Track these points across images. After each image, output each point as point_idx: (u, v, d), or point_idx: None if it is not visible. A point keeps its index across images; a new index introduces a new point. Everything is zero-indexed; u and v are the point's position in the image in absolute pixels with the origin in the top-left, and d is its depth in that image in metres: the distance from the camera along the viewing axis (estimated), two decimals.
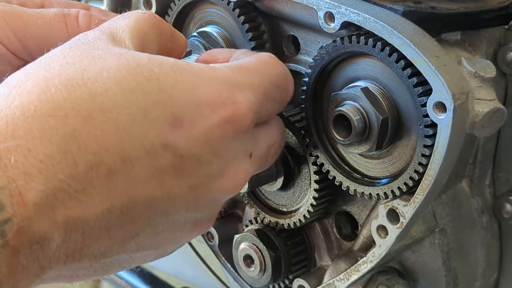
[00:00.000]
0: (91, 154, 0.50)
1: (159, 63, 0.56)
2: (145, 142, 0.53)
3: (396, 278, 0.83)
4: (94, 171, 0.51)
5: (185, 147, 0.56)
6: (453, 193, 0.81)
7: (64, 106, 0.51)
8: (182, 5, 0.84)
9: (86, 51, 0.56)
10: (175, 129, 0.55)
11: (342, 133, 0.69)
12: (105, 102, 0.52)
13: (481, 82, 0.69)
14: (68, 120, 0.50)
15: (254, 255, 0.85)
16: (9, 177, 0.47)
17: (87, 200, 0.51)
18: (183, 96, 0.56)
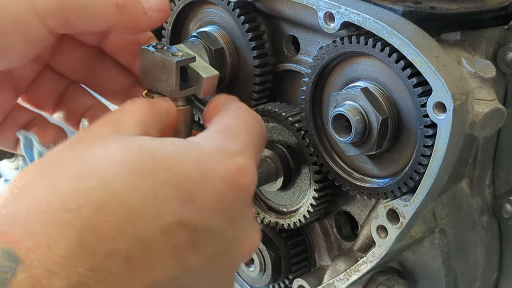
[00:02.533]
0: (108, 243, 0.51)
1: (160, 143, 0.57)
2: (160, 222, 0.54)
3: (396, 278, 0.83)
4: (112, 258, 0.51)
5: (199, 221, 0.56)
6: (453, 193, 0.81)
7: (76, 198, 0.51)
8: (182, 5, 0.84)
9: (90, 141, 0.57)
10: (187, 204, 0.55)
11: (342, 133, 0.69)
12: (115, 188, 0.53)
13: (481, 82, 0.69)
14: (82, 210, 0.51)
15: (254, 255, 0.85)
16: (33, 277, 0.48)
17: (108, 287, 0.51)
18: (190, 170, 0.57)
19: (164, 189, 0.55)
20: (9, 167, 1.41)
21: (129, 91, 0.79)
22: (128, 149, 0.56)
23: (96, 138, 0.58)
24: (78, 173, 0.53)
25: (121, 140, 0.57)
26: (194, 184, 0.56)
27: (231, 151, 0.60)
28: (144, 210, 0.53)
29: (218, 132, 0.63)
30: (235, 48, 0.81)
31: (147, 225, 0.53)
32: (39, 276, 0.48)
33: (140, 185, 0.54)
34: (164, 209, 0.54)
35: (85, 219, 0.51)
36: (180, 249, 0.55)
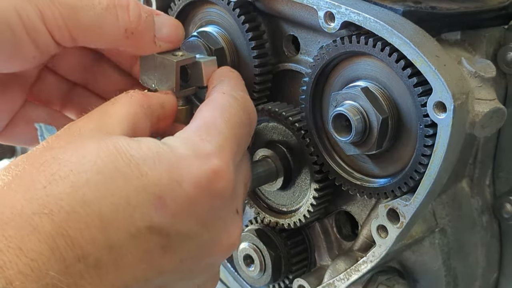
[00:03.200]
0: (78, 248, 0.52)
1: (137, 146, 0.57)
2: (130, 227, 0.54)
3: (396, 278, 0.83)
4: (82, 263, 0.52)
5: (171, 225, 0.56)
6: (453, 193, 0.81)
7: (48, 203, 0.52)
8: (182, 5, 0.84)
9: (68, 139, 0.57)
10: (158, 209, 0.56)
11: (342, 133, 0.69)
12: (87, 194, 0.53)
13: (481, 82, 0.69)
14: (53, 217, 0.52)
15: (254, 255, 0.85)
16: (6, 278, 0.49)
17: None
18: (163, 176, 0.56)
19: (136, 195, 0.55)
20: None
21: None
22: (104, 152, 0.56)
23: (75, 136, 0.58)
24: (52, 177, 0.54)
25: (98, 142, 0.57)
26: (166, 189, 0.56)
27: (206, 153, 0.60)
28: (115, 216, 0.54)
29: (197, 129, 0.62)
30: (235, 48, 0.81)
31: (117, 231, 0.54)
32: (12, 277, 0.49)
33: (112, 191, 0.54)
34: (135, 215, 0.54)
35: (56, 225, 0.52)
36: (151, 253, 0.56)
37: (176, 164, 0.58)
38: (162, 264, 0.57)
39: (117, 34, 0.67)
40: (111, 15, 0.66)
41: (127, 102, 0.63)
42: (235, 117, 0.64)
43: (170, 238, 0.56)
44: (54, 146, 0.57)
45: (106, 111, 0.62)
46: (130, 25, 0.67)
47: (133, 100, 0.63)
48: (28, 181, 0.54)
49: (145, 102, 0.64)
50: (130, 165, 0.56)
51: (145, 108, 0.64)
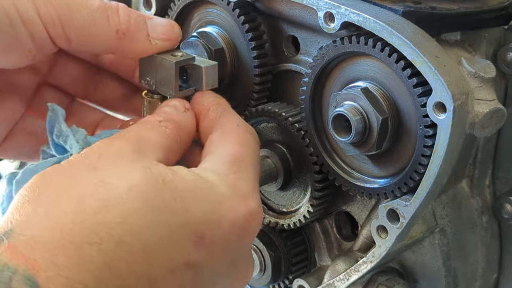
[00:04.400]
0: (121, 280, 0.53)
1: (182, 180, 0.58)
2: (170, 262, 0.55)
3: (396, 278, 0.83)
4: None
5: (206, 263, 0.58)
6: (453, 193, 0.81)
7: (99, 231, 0.53)
8: (182, 5, 0.84)
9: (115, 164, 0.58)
10: (198, 247, 0.57)
11: (342, 133, 0.69)
12: (135, 224, 0.54)
13: (481, 82, 0.69)
14: (102, 246, 0.52)
15: (254, 255, 0.85)
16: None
17: None
18: (206, 214, 0.58)
19: (179, 230, 0.56)
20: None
21: (131, 98, 0.79)
22: (151, 182, 0.56)
23: (117, 158, 0.59)
24: (102, 203, 0.54)
25: (144, 170, 0.57)
26: (206, 228, 0.58)
27: (243, 193, 0.62)
28: (159, 250, 0.55)
29: (229, 165, 0.63)
30: (235, 48, 0.81)
31: (159, 264, 0.55)
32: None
33: (158, 224, 0.55)
34: (176, 250, 0.56)
35: (104, 255, 0.52)
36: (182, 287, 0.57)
37: (217, 203, 0.59)
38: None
39: (109, 35, 0.68)
40: (102, 15, 0.67)
41: (162, 134, 0.64)
42: (255, 152, 0.67)
43: (202, 274, 0.58)
44: (98, 167, 0.57)
45: (143, 136, 0.62)
46: (121, 26, 0.68)
47: (168, 134, 0.64)
48: (76, 202, 0.54)
49: (178, 136, 0.65)
50: (176, 199, 0.57)
51: (177, 143, 0.65)
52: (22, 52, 0.66)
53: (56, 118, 0.69)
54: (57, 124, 0.69)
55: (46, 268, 0.50)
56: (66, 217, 0.53)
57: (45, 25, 0.65)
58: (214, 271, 0.59)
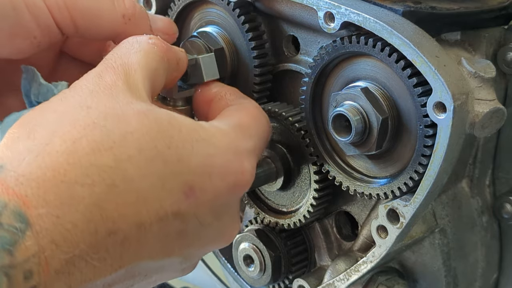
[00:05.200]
0: (110, 222, 0.52)
1: (178, 128, 0.58)
2: (160, 210, 0.55)
3: (396, 278, 0.83)
4: (111, 238, 0.52)
5: (193, 214, 0.58)
6: (453, 193, 0.81)
7: (91, 173, 0.52)
8: (182, 5, 0.84)
9: (108, 105, 0.57)
10: (187, 197, 0.57)
11: (342, 133, 0.69)
12: (128, 170, 0.54)
13: (481, 82, 0.69)
14: (94, 188, 0.52)
15: (254, 255, 0.85)
16: (39, 245, 0.49)
17: (100, 265, 0.52)
18: (198, 166, 0.58)
19: (171, 180, 0.56)
20: None
21: None
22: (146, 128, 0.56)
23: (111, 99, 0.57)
24: (95, 145, 0.53)
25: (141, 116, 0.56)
26: (198, 179, 0.58)
27: (241, 152, 0.62)
28: (150, 196, 0.54)
29: (234, 127, 0.64)
30: (235, 48, 0.81)
31: (149, 211, 0.54)
32: (44, 245, 0.49)
33: (151, 172, 0.55)
34: (166, 199, 0.55)
35: (95, 197, 0.52)
36: (167, 236, 0.57)
37: (211, 156, 0.59)
38: (173, 247, 0.58)
39: (115, 18, 0.68)
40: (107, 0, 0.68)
41: (149, 53, 0.63)
42: (265, 130, 0.68)
43: (188, 225, 0.58)
44: (91, 106, 0.56)
45: (130, 63, 0.61)
46: (127, 11, 0.68)
47: (155, 51, 0.63)
48: (70, 143, 0.53)
49: (165, 56, 0.64)
50: (170, 147, 0.56)
51: (164, 63, 0.64)
52: (27, 37, 0.66)
53: (32, 77, 0.67)
54: (35, 82, 0.66)
55: (37, 205, 0.49)
56: (58, 157, 0.52)
57: (50, 9, 0.65)
58: (201, 223, 0.59)
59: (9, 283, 0.47)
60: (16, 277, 0.47)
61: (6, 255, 0.47)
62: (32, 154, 0.52)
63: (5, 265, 0.47)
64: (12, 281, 0.47)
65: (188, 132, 0.59)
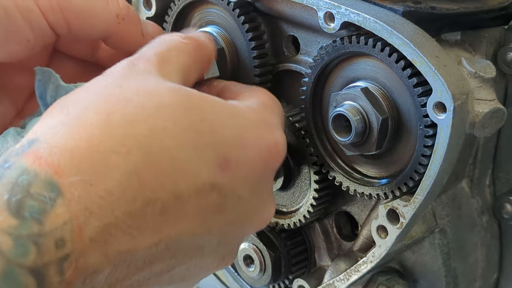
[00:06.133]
0: (149, 191, 0.52)
1: (210, 103, 0.59)
2: (197, 181, 0.55)
3: (396, 279, 0.83)
4: (150, 207, 0.52)
5: (230, 187, 0.58)
6: (453, 194, 0.81)
7: (127, 142, 0.52)
8: (182, 5, 0.84)
9: (140, 84, 0.57)
10: (223, 169, 0.57)
11: (342, 133, 0.69)
12: (164, 140, 0.54)
13: (481, 82, 0.69)
14: (130, 156, 0.51)
15: (254, 255, 0.85)
16: (72, 213, 0.48)
17: (138, 235, 0.52)
18: (232, 137, 0.58)
19: (206, 151, 0.56)
20: None
21: None
22: (180, 103, 0.56)
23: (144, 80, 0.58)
24: (130, 118, 0.53)
25: (171, 91, 0.57)
26: (233, 150, 0.58)
27: (271, 125, 0.63)
28: (186, 167, 0.54)
29: (258, 104, 0.65)
30: (235, 48, 0.81)
31: (186, 181, 0.54)
32: (77, 213, 0.48)
33: (186, 143, 0.55)
34: (202, 170, 0.55)
35: (132, 165, 0.51)
36: (207, 210, 0.56)
37: (244, 128, 0.60)
38: (213, 222, 0.58)
39: (109, 18, 0.68)
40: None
41: (183, 51, 0.64)
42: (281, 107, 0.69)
43: (226, 198, 0.58)
44: (122, 85, 0.56)
45: (165, 56, 0.62)
46: (121, 11, 0.68)
47: (189, 50, 0.64)
48: (105, 116, 0.53)
49: (199, 54, 0.66)
50: (203, 120, 0.57)
51: (197, 61, 0.65)
52: (21, 42, 0.66)
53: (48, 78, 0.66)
54: (51, 84, 0.66)
55: (70, 173, 0.49)
56: (93, 129, 0.52)
57: (43, 12, 0.65)
58: (237, 196, 0.59)
59: (38, 252, 0.46)
60: (47, 245, 0.47)
61: (35, 224, 0.47)
62: (66, 127, 0.52)
63: (34, 234, 0.47)
64: (42, 250, 0.47)
65: (220, 106, 0.59)
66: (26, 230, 0.46)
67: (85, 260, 0.48)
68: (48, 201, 0.47)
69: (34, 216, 0.47)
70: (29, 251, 0.46)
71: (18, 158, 0.49)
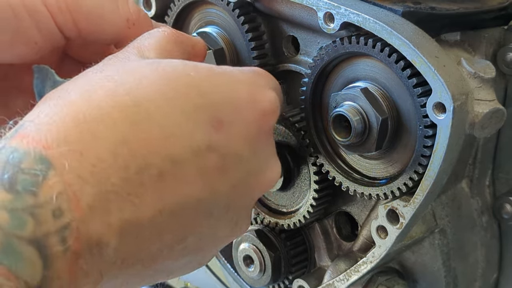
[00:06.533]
0: (140, 158, 0.52)
1: (194, 68, 0.58)
2: (192, 144, 0.55)
3: (396, 279, 0.83)
4: (145, 173, 0.52)
5: (228, 147, 0.57)
6: (452, 194, 0.81)
7: (112, 114, 0.52)
8: (182, 5, 0.84)
9: (120, 65, 0.58)
10: (217, 130, 0.57)
11: (341, 134, 0.69)
12: (149, 109, 0.54)
13: (481, 82, 0.69)
14: (117, 126, 0.52)
15: (254, 255, 0.85)
16: (65, 182, 0.48)
17: (140, 202, 0.52)
18: (222, 98, 0.58)
19: (196, 114, 0.56)
20: None
21: None
22: (161, 72, 0.56)
23: (125, 61, 0.58)
24: (113, 93, 0.53)
25: (151, 64, 0.57)
26: (225, 111, 0.58)
27: (263, 85, 0.62)
28: (177, 132, 0.54)
29: (250, 70, 0.64)
30: (235, 48, 0.81)
31: (179, 145, 0.54)
32: (70, 181, 0.48)
33: (174, 109, 0.55)
34: (195, 133, 0.55)
35: (120, 134, 0.51)
36: (209, 173, 0.56)
37: (233, 88, 0.59)
38: (216, 185, 0.57)
39: (119, 22, 0.68)
40: (111, 2, 0.67)
41: (161, 38, 0.64)
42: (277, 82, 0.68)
43: (226, 159, 0.57)
44: (104, 69, 0.57)
45: (143, 44, 0.62)
46: (132, 16, 0.68)
47: (167, 35, 0.64)
48: (87, 94, 0.53)
49: (178, 39, 0.65)
50: (190, 85, 0.56)
51: (178, 45, 0.65)
52: (28, 43, 0.66)
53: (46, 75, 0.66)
54: (49, 80, 0.66)
55: (57, 145, 0.49)
56: (76, 105, 0.52)
57: (51, 13, 0.65)
58: (238, 156, 0.58)
59: (35, 223, 0.47)
60: (44, 216, 0.47)
61: (29, 196, 0.47)
62: (50, 107, 0.52)
63: (29, 206, 0.47)
64: (39, 220, 0.47)
65: (205, 69, 0.59)
66: (21, 203, 0.47)
67: (87, 228, 0.48)
68: (40, 174, 0.48)
69: (28, 189, 0.47)
70: (26, 222, 0.47)
71: (8, 141, 0.50)
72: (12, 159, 0.48)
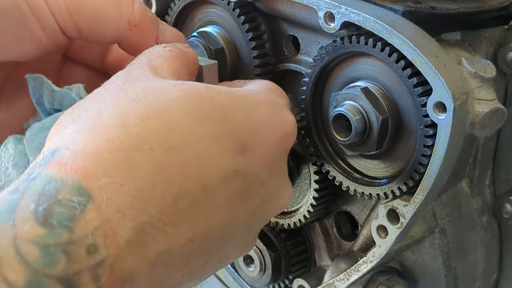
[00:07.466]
0: (176, 186, 0.51)
1: (216, 92, 0.58)
2: (222, 169, 0.55)
3: (396, 278, 0.83)
4: (180, 202, 0.51)
5: (252, 171, 0.58)
6: (453, 193, 0.81)
7: (147, 140, 0.51)
8: (182, 5, 0.84)
9: (144, 85, 0.57)
10: (242, 154, 0.57)
11: (342, 133, 0.69)
12: (183, 133, 0.53)
13: (481, 82, 0.69)
14: (153, 153, 0.51)
15: (254, 255, 0.85)
16: (103, 217, 0.47)
17: (173, 231, 0.51)
18: (244, 122, 0.58)
19: (223, 139, 0.56)
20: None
21: None
22: (187, 95, 0.56)
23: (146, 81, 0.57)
24: (144, 116, 0.52)
25: (175, 86, 0.57)
26: (247, 134, 0.58)
27: (279, 105, 0.63)
28: (209, 157, 0.54)
29: (262, 88, 0.65)
30: (235, 48, 0.81)
31: (211, 172, 0.54)
32: (109, 216, 0.47)
33: (203, 134, 0.54)
34: (224, 158, 0.55)
35: (156, 161, 0.51)
36: (233, 198, 0.56)
37: (253, 110, 0.60)
38: (240, 210, 0.57)
39: (120, 24, 0.67)
40: (113, 5, 0.67)
41: (170, 57, 0.63)
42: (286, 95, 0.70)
43: (250, 183, 0.57)
44: (127, 90, 0.56)
45: (153, 63, 0.62)
46: (134, 18, 0.67)
47: (175, 56, 0.64)
48: (119, 118, 0.52)
49: (184, 57, 0.65)
50: (214, 107, 0.56)
51: (185, 63, 0.65)
52: (32, 40, 0.65)
53: (41, 84, 0.66)
54: (46, 90, 0.66)
55: (97, 175, 0.48)
56: (110, 131, 0.51)
57: (52, 12, 0.64)
58: (260, 180, 0.58)
59: (68, 260, 0.45)
60: (77, 253, 0.45)
61: (65, 232, 0.45)
62: (83, 133, 0.51)
63: (63, 242, 0.45)
64: (72, 258, 0.45)
65: (227, 93, 0.59)
66: (54, 238, 0.45)
67: (122, 264, 0.47)
68: (78, 206, 0.46)
69: (63, 223, 0.45)
70: (58, 260, 0.45)
71: (43, 169, 0.48)
72: (48, 190, 0.46)
